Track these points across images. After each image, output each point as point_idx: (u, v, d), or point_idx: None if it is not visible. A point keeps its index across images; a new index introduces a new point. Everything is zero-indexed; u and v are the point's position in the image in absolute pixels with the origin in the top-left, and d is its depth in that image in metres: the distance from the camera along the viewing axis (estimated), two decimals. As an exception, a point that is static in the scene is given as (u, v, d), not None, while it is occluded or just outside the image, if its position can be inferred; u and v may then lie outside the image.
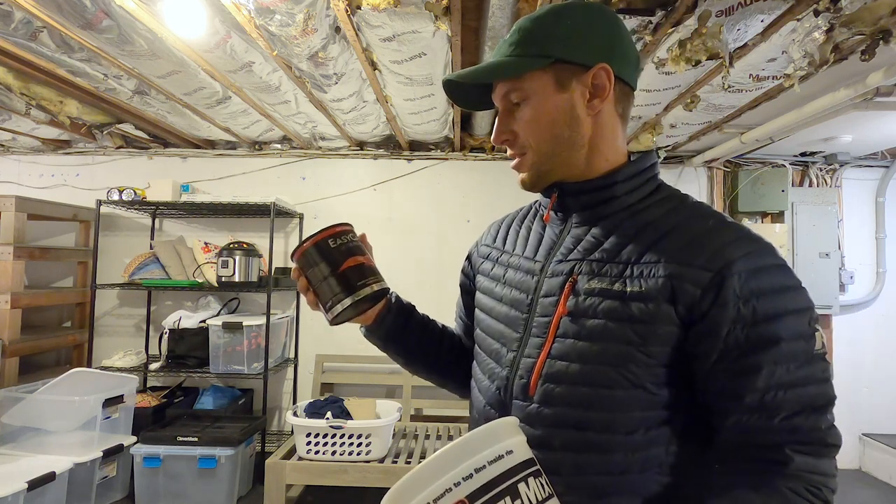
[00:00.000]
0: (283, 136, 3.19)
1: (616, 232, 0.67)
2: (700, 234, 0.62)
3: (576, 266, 0.67)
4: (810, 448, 0.57)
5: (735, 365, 0.58)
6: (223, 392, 3.10)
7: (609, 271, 0.64)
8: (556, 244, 0.72)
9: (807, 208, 3.27)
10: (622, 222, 0.67)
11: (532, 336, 0.68)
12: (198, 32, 1.77)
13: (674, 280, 0.59)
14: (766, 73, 1.96)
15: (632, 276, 0.62)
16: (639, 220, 0.67)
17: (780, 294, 0.59)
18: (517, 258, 0.77)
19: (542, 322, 0.68)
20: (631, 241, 0.65)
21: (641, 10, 1.57)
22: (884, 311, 3.33)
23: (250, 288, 2.93)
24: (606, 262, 0.65)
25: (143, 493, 2.47)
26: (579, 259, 0.67)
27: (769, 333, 0.57)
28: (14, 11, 1.69)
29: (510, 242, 0.81)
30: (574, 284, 0.66)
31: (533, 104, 0.68)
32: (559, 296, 0.66)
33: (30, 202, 2.88)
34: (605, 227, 0.68)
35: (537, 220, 0.79)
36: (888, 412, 3.30)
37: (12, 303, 2.70)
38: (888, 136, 2.80)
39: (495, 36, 1.79)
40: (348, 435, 2.44)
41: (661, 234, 0.64)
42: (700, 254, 0.59)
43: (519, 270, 0.75)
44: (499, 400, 0.71)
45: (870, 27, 1.50)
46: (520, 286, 0.73)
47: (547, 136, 0.68)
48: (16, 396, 2.42)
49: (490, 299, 0.79)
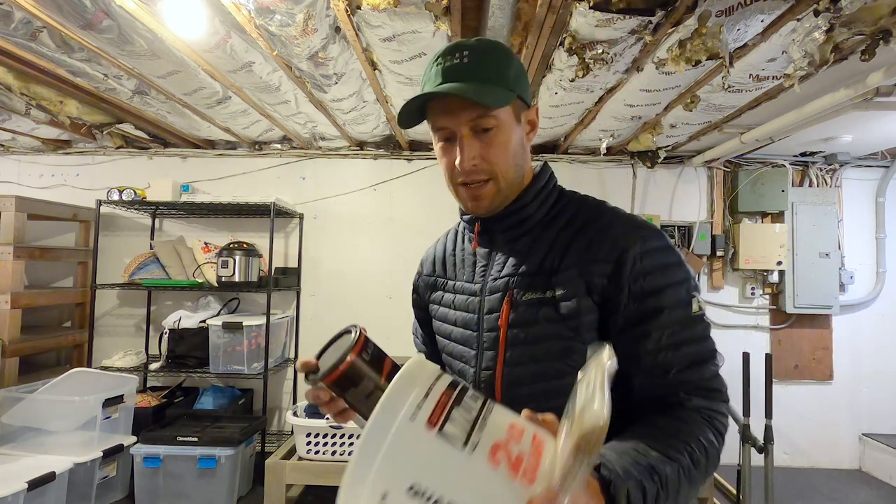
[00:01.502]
0: (283, 136, 3.19)
1: (535, 246, 0.77)
2: (599, 231, 0.74)
3: (509, 281, 0.77)
4: (700, 393, 0.68)
5: (631, 333, 0.70)
6: (223, 392, 3.10)
7: (538, 283, 0.74)
8: (488, 265, 0.81)
9: (807, 208, 3.27)
10: (539, 235, 0.78)
11: (485, 350, 0.78)
12: (198, 32, 1.77)
13: (586, 276, 0.72)
14: (766, 73, 1.96)
15: (557, 283, 0.73)
16: (551, 231, 0.78)
17: (662, 271, 0.71)
18: (460, 283, 0.85)
19: (490, 336, 0.77)
20: (549, 252, 0.76)
21: (641, 10, 1.57)
22: (884, 311, 3.33)
23: (250, 288, 2.93)
24: (535, 275, 0.75)
25: (143, 493, 2.47)
26: (511, 275, 0.77)
27: (654, 305, 0.69)
28: (14, 11, 1.69)
29: (450, 270, 0.89)
30: (512, 298, 0.75)
31: (504, 132, 0.75)
32: (499, 311, 0.76)
33: (30, 202, 2.88)
34: (525, 244, 0.79)
35: (467, 244, 0.87)
36: (888, 412, 3.30)
37: (12, 303, 2.70)
38: (888, 136, 2.80)
39: (495, 36, 1.79)
40: (348, 435, 2.44)
41: (570, 239, 0.75)
42: (600, 249, 0.72)
43: (463, 294, 0.83)
44: None
45: (870, 27, 1.51)
46: (467, 308, 0.82)
47: (511, 164, 0.76)
48: (16, 396, 2.42)
49: (446, 325, 0.86)
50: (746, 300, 3.35)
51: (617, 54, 1.82)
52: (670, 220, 3.36)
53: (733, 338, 3.31)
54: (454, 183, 0.79)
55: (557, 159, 3.37)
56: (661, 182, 3.40)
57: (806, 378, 3.32)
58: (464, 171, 0.75)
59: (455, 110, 0.73)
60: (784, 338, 3.33)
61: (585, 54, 1.81)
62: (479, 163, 0.74)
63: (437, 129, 0.77)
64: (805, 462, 3.30)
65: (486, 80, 0.72)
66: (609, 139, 2.95)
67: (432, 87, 0.74)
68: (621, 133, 2.86)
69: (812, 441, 3.30)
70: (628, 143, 3.07)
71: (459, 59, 0.73)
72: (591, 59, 1.83)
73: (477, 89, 0.71)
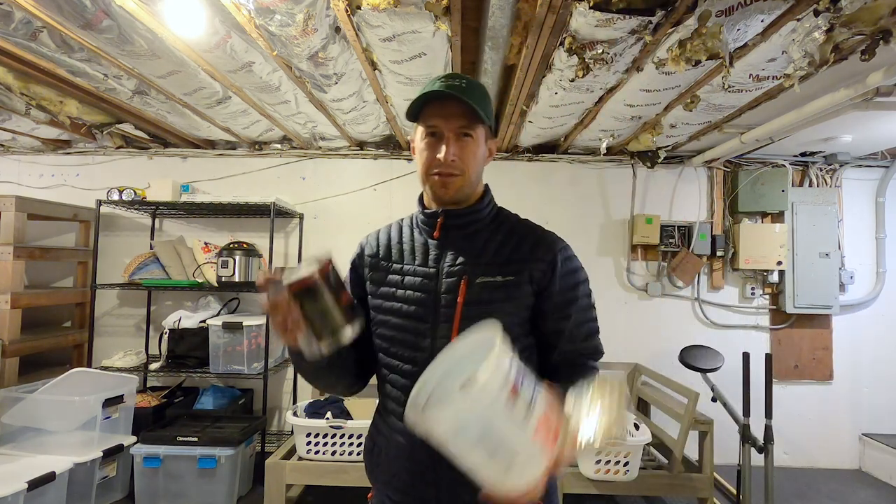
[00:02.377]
0: (283, 136, 3.19)
1: (487, 244, 1.00)
2: (537, 239, 1.00)
3: (465, 268, 0.96)
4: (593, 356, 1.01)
5: (559, 314, 0.97)
6: (223, 392, 3.10)
7: (490, 271, 0.96)
8: (440, 254, 1.00)
9: (807, 208, 3.27)
10: (489, 237, 1.01)
11: (441, 323, 0.94)
12: (198, 32, 1.77)
13: (530, 270, 0.96)
14: (766, 73, 1.96)
15: (506, 272, 0.95)
16: (499, 233, 1.01)
17: (576, 272, 1.00)
18: (411, 267, 1.01)
19: (446, 312, 0.95)
20: (499, 249, 0.99)
21: (641, 10, 1.57)
22: (884, 311, 3.33)
23: (250, 288, 2.93)
24: (488, 265, 0.97)
25: (143, 493, 2.47)
26: (465, 263, 0.97)
27: (573, 296, 0.98)
28: (14, 11, 1.69)
29: (396, 255, 1.04)
30: (468, 281, 0.95)
31: (477, 144, 0.97)
32: (457, 291, 0.95)
33: (30, 202, 2.88)
34: (480, 239, 1.00)
35: (419, 235, 1.05)
36: (888, 412, 3.30)
37: (12, 303, 2.70)
38: (888, 136, 2.80)
39: (495, 36, 1.79)
40: (348, 435, 2.44)
41: (516, 242, 1.00)
42: (540, 251, 0.98)
43: (415, 276, 0.99)
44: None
45: (870, 27, 1.50)
46: (422, 289, 0.98)
47: (475, 170, 0.99)
48: (16, 396, 2.42)
49: (391, 302, 1.00)
50: (746, 300, 3.35)
51: (617, 54, 1.82)
52: (670, 219, 3.36)
53: (733, 338, 3.31)
54: (429, 173, 0.97)
55: (557, 159, 3.37)
56: (661, 182, 3.40)
57: (806, 378, 3.32)
58: (444, 163, 0.94)
59: (449, 115, 0.94)
60: (784, 338, 3.33)
61: (585, 54, 1.81)
62: (456, 160, 0.94)
63: (428, 127, 0.96)
64: (805, 462, 3.30)
65: (476, 102, 0.93)
66: (609, 139, 2.95)
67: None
68: (621, 133, 2.86)
69: (812, 441, 3.30)
70: (628, 143, 3.07)
71: (459, 82, 0.94)
72: (591, 59, 1.83)
73: (473, 102, 0.92)
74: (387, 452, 0.98)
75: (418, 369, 0.88)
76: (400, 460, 0.96)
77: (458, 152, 0.94)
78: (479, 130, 0.97)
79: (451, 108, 0.93)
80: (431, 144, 0.96)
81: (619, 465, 2.38)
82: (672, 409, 2.64)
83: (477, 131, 0.96)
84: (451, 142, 0.94)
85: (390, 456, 0.97)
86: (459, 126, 0.94)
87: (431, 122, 0.95)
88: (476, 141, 0.96)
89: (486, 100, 0.98)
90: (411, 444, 0.92)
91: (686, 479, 2.47)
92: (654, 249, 3.35)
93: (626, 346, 3.30)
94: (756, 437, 2.20)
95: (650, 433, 2.48)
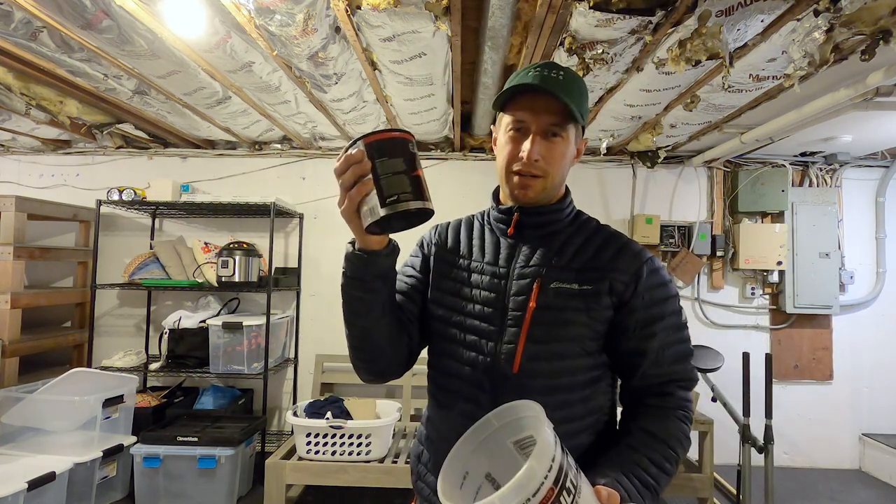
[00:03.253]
0: (283, 136, 3.19)
1: (566, 246, 0.91)
2: (620, 248, 0.90)
3: (539, 270, 0.88)
4: (684, 384, 0.89)
5: (642, 332, 0.86)
6: (223, 392, 3.10)
7: (566, 276, 0.87)
8: (514, 254, 0.91)
9: (807, 208, 3.27)
10: (569, 238, 0.92)
11: (508, 327, 0.86)
12: (198, 32, 1.77)
13: (610, 279, 0.86)
14: (766, 73, 1.96)
15: (584, 280, 0.86)
16: (578, 238, 0.92)
17: (663, 286, 0.89)
18: (480, 264, 0.93)
19: (516, 315, 0.86)
20: (577, 254, 0.90)
21: (641, 10, 1.57)
22: (884, 311, 3.33)
23: (250, 288, 2.93)
24: (564, 269, 0.88)
25: (143, 493, 2.47)
26: (540, 265, 0.88)
27: (659, 312, 0.87)
28: (14, 11, 1.69)
29: (466, 251, 0.97)
30: (541, 284, 0.86)
31: (565, 145, 0.88)
32: (529, 294, 0.86)
33: (30, 202, 2.88)
34: (557, 241, 0.92)
35: (490, 233, 0.97)
36: (888, 412, 3.30)
37: (12, 303, 2.70)
38: (888, 136, 2.80)
39: (495, 36, 1.79)
40: (348, 435, 2.44)
41: (597, 248, 0.90)
42: (623, 261, 0.88)
43: (485, 275, 0.91)
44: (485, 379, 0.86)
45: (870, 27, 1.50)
46: (490, 288, 0.90)
47: (560, 171, 0.89)
48: (16, 396, 2.42)
49: (457, 299, 0.92)
50: (746, 300, 3.35)
51: (617, 54, 1.82)
52: (670, 220, 3.36)
53: (733, 338, 3.31)
54: (509, 170, 0.89)
55: (557, 159, 3.37)
56: (661, 182, 3.40)
57: (806, 378, 3.32)
58: (527, 162, 0.85)
59: (539, 110, 0.85)
60: (784, 338, 3.33)
61: (585, 54, 1.81)
62: (540, 160, 0.86)
63: (515, 121, 0.87)
64: (805, 462, 3.30)
65: (572, 98, 0.84)
66: (609, 139, 2.95)
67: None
68: (621, 133, 2.86)
69: (812, 441, 3.30)
70: (628, 143, 3.07)
71: (556, 74, 0.85)
72: (591, 59, 1.83)
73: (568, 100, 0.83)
74: (435, 461, 0.90)
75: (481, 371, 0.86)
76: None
77: (545, 152, 0.86)
78: (570, 130, 0.87)
79: (544, 102, 0.84)
80: (516, 139, 0.87)
81: (619, 465, 2.38)
82: (672, 409, 2.64)
83: (568, 131, 0.87)
84: (538, 139, 0.85)
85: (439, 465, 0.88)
86: (550, 123, 0.85)
87: (519, 115, 0.86)
88: (566, 141, 0.87)
89: (584, 96, 0.89)
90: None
91: (686, 480, 2.47)
92: (654, 249, 3.35)
93: (626, 346, 3.29)
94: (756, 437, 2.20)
95: (650, 433, 2.48)
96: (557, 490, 0.58)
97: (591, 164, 3.39)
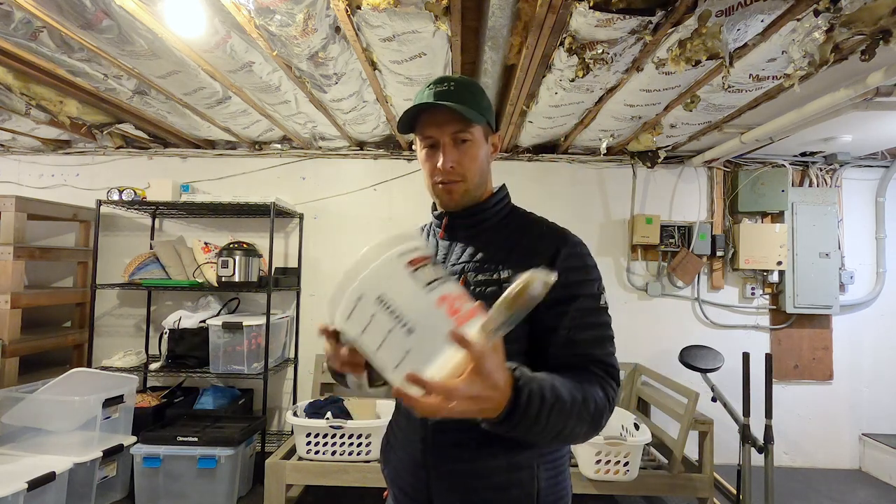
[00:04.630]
0: (283, 136, 3.19)
1: (489, 243, 0.97)
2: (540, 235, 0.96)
3: (465, 266, 0.95)
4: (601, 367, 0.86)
5: (554, 311, 0.87)
6: (223, 392, 3.10)
7: (487, 268, 0.93)
8: (448, 254, 1.00)
9: (807, 208, 3.27)
10: (492, 237, 0.98)
11: None
12: (198, 32, 1.77)
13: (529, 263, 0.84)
14: (766, 73, 1.96)
15: (504, 268, 0.92)
16: (502, 234, 0.98)
17: (583, 269, 0.91)
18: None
19: None
20: (499, 247, 0.95)
21: (641, 10, 1.57)
22: (884, 311, 3.33)
23: (250, 288, 2.93)
24: (485, 262, 0.94)
25: (143, 493, 2.47)
26: (466, 262, 0.96)
27: (573, 292, 0.88)
28: (14, 11, 1.69)
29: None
30: (465, 279, 0.94)
31: (476, 146, 0.96)
32: None
33: (30, 202, 2.88)
34: (481, 240, 0.98)
35: (433, 237, 1.07)
36: (888, 412, 3.30)
37: (12, 303, 2.70)
38: (888, 136, 2.80)
39: (495, 36, 1.79)
40: (348, 435, 2.44)
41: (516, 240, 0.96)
42: (543, 244, 0.93)
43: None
44: None
45: (870, 27, 1.50)
46: None
47: (477, 172, 0.97)
48: (16, 396, 2.42)
49: None
50: (746, 300, 3.35)
51: (617, 54, 1.82)
52: (670, 220, 3.36)
53: (733, 338, 3.31)
54: (433, 182, 0.98)
55: (557, 159, 3.37)
56: (661, 182, 3.40)
57: (806, 378, 3.32)
58: (444, 171, 0.94)
59: (442, 123, 0.93)
60: (784, 338, 3.33)
61: (585, 54, 1.81)
62: (455, 166, 0.94)
63: (425, 138, 0.96)
64: (805, 462, 3.30)
65: (466, 104, 0.92)
66: (609, 139, 2.95)
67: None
68: (621, 133, 2.86)
69: (812, 441, 3.31)
70: (628, 143, 3.07)
71: (447, 86, 0.94)
72: (591, 59, 1.83)
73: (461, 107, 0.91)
74: (395, 449, 1.00)
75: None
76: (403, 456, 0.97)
77: (458, 158, 0.94)
78: (475, 131, 0.95)
79: (444, 115, 0.93)
80: (430, 154, 0.96)
81: (619, 465, 2.38)
82: (672, 409, 2.64)
83: (474, 133, 0.95)
84: (448, 149, 0.94)
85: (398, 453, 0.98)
86: (454, 132, 0.93)
87: (427, 133, 0.95)
88: (475, 143, 0.95)
89: (479, 97, 0.96)
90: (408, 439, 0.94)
91: (686, 479, 2.47)
92: (654, 249, 3.35)
93: (626, 347, 3.29)
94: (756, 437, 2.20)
95: (650, 433, 2.49)
96: (431, 259, 0.70)
97: (591, 164, 3.39)
